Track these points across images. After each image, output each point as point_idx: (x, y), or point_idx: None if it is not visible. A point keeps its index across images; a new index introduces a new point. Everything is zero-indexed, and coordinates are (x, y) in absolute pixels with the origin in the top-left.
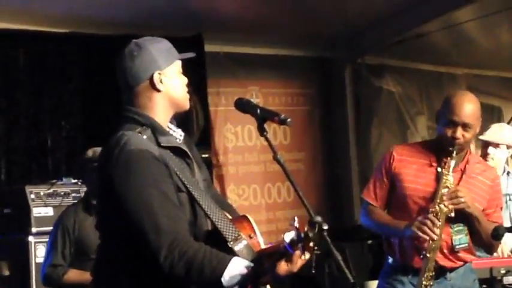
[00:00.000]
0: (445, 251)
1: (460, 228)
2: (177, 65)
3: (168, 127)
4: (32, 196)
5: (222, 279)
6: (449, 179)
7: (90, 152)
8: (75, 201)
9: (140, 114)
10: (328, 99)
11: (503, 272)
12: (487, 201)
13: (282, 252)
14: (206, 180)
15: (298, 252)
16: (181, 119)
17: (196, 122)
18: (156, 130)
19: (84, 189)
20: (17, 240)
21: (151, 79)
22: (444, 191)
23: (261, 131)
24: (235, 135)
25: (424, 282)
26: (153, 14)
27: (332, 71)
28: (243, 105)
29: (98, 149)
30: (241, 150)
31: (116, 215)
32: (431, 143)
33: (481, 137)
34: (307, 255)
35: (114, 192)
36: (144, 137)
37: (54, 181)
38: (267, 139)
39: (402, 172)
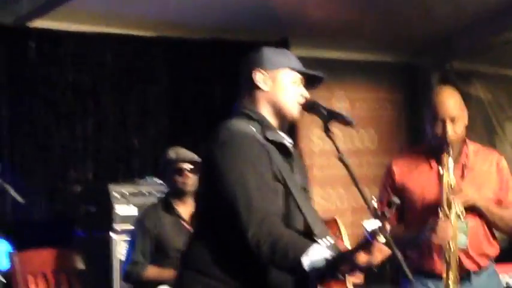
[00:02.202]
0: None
1: (461, 227)
2: (289, 73)
3: (278, 130)
4: (116, 195)
5: (302, 260)
6: (451, 177)
7: (171, 153)
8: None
9: (250, 109)
10: (415, 105)
11: None
12: (498, 187)
13: (362, 241)
14: (305, 189)
15: (377, 243)
16: None
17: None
18: (264, 125)
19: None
20: (100, 237)
21: (254, 75)
22: (448, 190)
23: (326, 130)
24: (321, 139)
25: (450, 286)
26: (239, 19)
27: (419, 77)
28: (310, 106)
29: (179, 150)
30: (327, 154)
31: (214, 195)
32: (426, 146)
33: None
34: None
35: (214, 169)
36: (252, 127)
37: (138, 180)
38: (331, 139)
39: (405, 183)
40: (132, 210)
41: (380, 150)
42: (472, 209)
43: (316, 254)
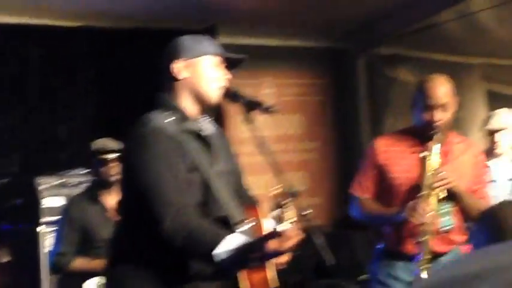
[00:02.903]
0: (435, 234)
1: (446, 209)
2: (209, 58)
3: (200, 117)
4: (42, 187)
5: (214, 253)
6: (434, 162)
7: (95, 144)
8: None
9: (169, 101)
10: (341, 90)
11: None
12: (474, 178)
13: (271, 231)
14: (234, 173)
15: (284, 231)
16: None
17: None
18: (181, 115)
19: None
20: (28, 230)
21: (173, 66)
22: (430, 174)
23: (246, 119)
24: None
25: (421, 267)
26: (166, 7)
27: (345, 62)
28: (231, 96)
29: (104, 141)
30: (254, 140)
31: (132, 190)
32: (412, 129)
33: (486, 127)
34: (295, 234)
35: (129, 166)
36: (168, 119)
37: (64, 172)
38: (252, 128)
39: (388, 163)
40: (59, 202)
41: (307, 136)
42: (449, 195)
43: (227, 246)
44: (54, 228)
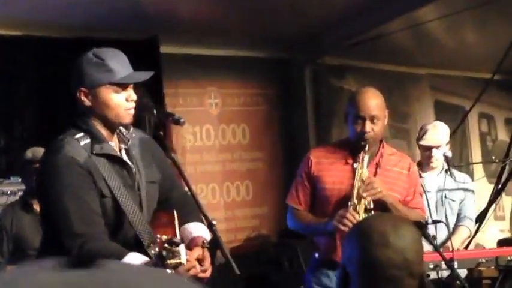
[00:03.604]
0: None
1: None
2: (110, 87)
3: (119, 131)
4: None
5: None
6: (364, 172)
7: (29, 153)
8: None
9: (82, 121)
10: (287, 100)
11: (431, 267)
12: (406, 190)
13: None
14: (168, 179)
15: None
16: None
17: (149, 125)
18: (94, 138)
19: None
20: None
21: (78, 95)
22: (360, 184)
23: (156, 130)
24: (193, 135)
25: None
26: (108, 17)
27: (291, 72)
28: (142, 109)
29: (37, 149)
30: (199, 150)
31: (44, 217)
32: (345, 141)
33: (421, 142)
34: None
35: (40, 197)
36: (81, 143)
37: (2, 180)
38: (160, 139)
39: (321, 174)
40: None
41: (252, 145)
42: (379, 205)
43: (130, 261)
44: None
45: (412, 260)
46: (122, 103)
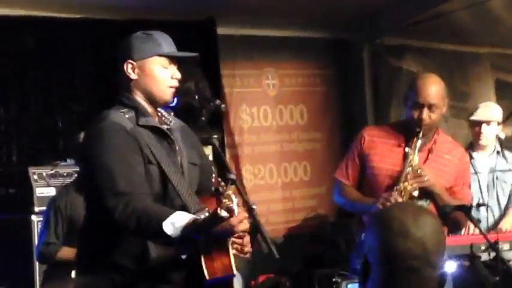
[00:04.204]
0: None
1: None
2: (160, 59)
3: (159, 112)
4: (35, 177)
5: (164, 224)
6: (415, 158)
7: (82, 135)
8: None
9: (127, 97)
10: (345, 80)
11: (482, 248)
12: (454, 179)
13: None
14: (199, 166)
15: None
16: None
17: (202, 105)
18: (139, 112)
19: None
20: (21, 219)
21: (125, 67)
22: (409, 170)
23: (199, 117)
24: (250, 116)
25: None
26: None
27: (350, 52)
28: (183, 92)
29: None
30: (256, 131)
31: (88, 182)
32: (401, 124)
33: (471, 118)
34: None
35: (85, 160)
36: (126, 116)
37: (57, 162)
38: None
39: (372, 153)
40: (51, 192)
41: (310, 126)
42: (425, 193)
43: (176, 220)
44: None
45: (432, 251)
46: (167, 78)
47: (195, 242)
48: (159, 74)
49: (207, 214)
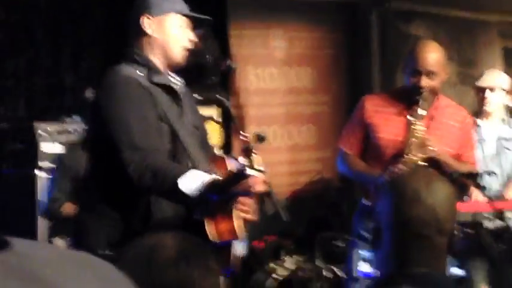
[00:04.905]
0: None
1: None
2: (177, 18)
3: (168, 73)
4: (41, 132)
5: (179, 182)
6: (418, 127)
7: (89, 92)
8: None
9: (138, 54)
10: (354, 44)
11: (486, 216)
12: (459, 143)
13: (239, 171)
14: (201, 129)
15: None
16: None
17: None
18: (151, 69)
19: None
20: (25, 174)
21: (141, 21)
22: (414, 139)
23: (209, 81)
24: (256, 77)
25: None
26: None
27: (358, 16)
28: (194, 53)
29: None
30: (263, 92)
31: (100, 135)
32: (401, 91)
33: (476, 83)
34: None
35: (99, 111)
36: (138, 72)
37: (65, 118)
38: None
39: (374, 122)
40: (57, 148)
41: (318, 89)
42: (432, 162)
43: (193, 178)
44: (50, 176)
45: (443, 218)
46: (183, 38)
47: (210, 202)
48: (176, 33)
49: (215, 174)
